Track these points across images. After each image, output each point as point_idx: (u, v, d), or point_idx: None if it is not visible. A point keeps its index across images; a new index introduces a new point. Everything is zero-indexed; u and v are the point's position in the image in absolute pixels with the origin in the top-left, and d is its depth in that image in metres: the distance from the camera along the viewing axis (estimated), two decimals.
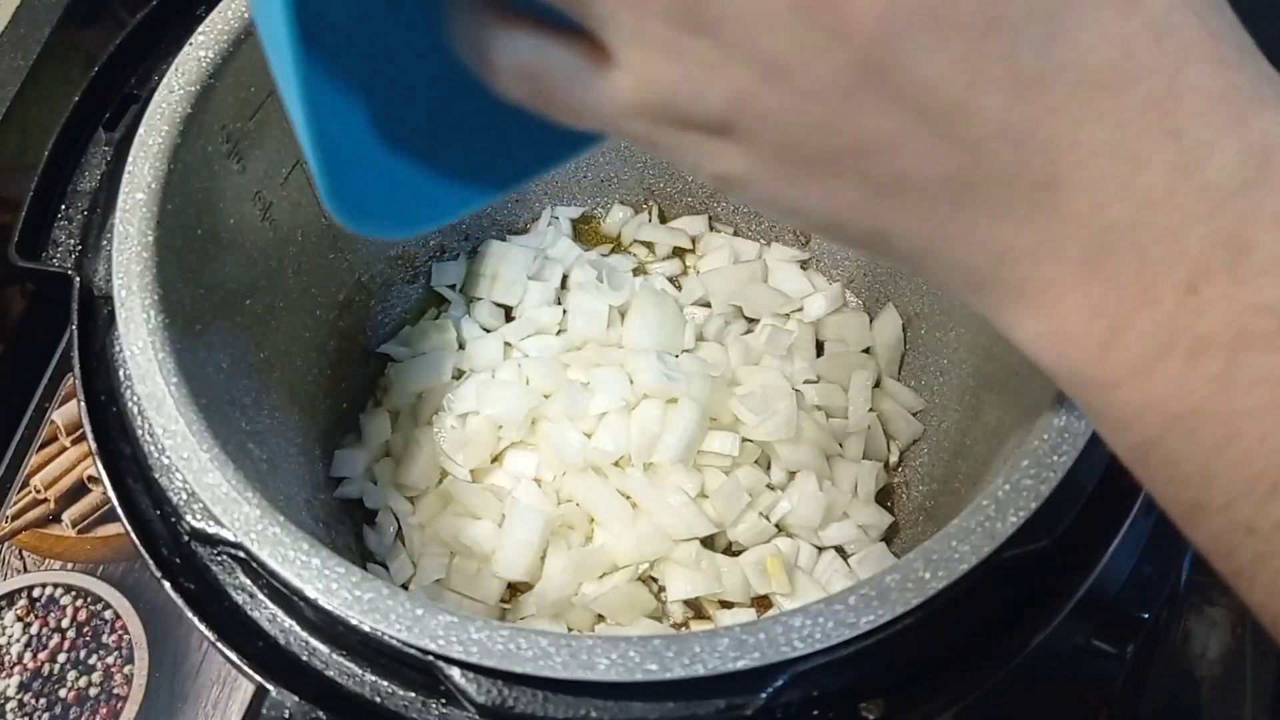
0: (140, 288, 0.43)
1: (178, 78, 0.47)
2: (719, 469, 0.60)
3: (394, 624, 0.38)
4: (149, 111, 0.47)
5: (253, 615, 0.41)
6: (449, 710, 0.39)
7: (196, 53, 0.48)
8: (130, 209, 0.45)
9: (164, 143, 0.46)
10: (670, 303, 0.66)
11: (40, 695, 0.58)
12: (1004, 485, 0.40)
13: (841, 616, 0.37)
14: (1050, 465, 0.40)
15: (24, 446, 0.65)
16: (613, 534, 0.58)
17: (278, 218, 0.55)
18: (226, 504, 0.40)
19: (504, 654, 0.37)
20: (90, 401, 0.45)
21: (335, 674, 0.40)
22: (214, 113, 0.48)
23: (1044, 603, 0.41)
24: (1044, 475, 0.40)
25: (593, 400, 0.61)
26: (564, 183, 0.71)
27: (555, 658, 0.37)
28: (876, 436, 0.63)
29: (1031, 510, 0.39)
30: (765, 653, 0.36)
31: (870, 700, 0.39)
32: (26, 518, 0.63)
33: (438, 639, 0.37)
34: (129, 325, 0.43)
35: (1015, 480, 0.40)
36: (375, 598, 0.38)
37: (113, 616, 0.60)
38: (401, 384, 0.65)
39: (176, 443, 0.41)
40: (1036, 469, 0.40)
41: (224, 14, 0.49)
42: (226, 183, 0.50)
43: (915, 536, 0.59)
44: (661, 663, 0.36)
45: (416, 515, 0.61)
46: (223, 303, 0.50)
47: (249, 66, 0.50)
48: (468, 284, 0.69)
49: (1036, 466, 0.40)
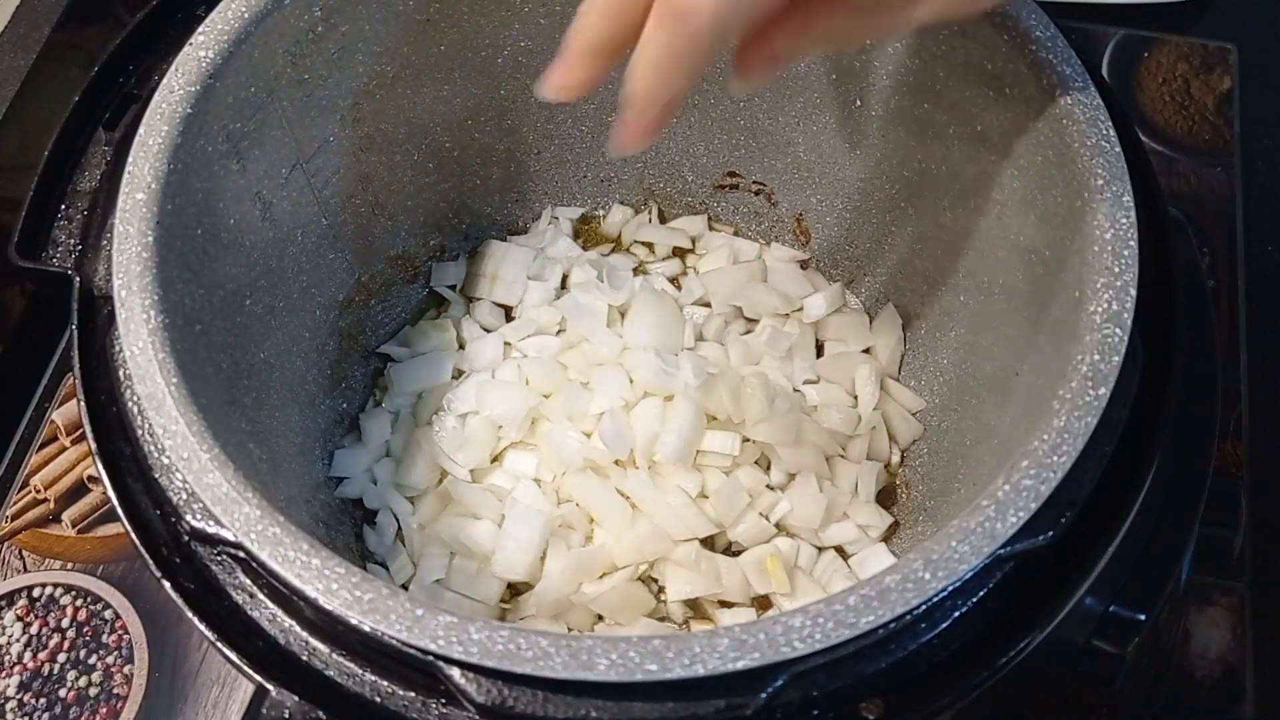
0: (140, 288, 0.43)
1: (178, 78, 0.47)
2: (719, 469, 0.60)
3: (394, 624, 0.38)
4: (149, 111, 0.47)
5: (253, 615, 0.41)
6: (449, 710, 0.39)
7: (196, 53, 0.48)
8: (130, 209, 0.45)
9: (164, 143, 0.46)
10: (670, 303, 0.66)
11: (40, 695, 0.58)
12: (1004, 485, 0.40)
13: (841, 616, 0.37)
14: (1050, 465, 0.40)
15: (24, 446, 0.65)
16: (612, 534, 0.58)
17: (278, 218, 0.55)
18: (226, 504, 0.40)
19: (504, 654, 0.37)
20: (90, 401, 0.45)
21: (335, 674, 0.40)
22: (214, 113, 0.48)
23: (1044, 603, 0.41)
24: (1044, 475, 0.40)
25: (592, 400, 0.61)
26: (564, 183, 0.71)
27: (555, 658, 0.37)
28: (878, 436, 0.63)
29: (1032, 510, 0.39)
30: (765, 653, 0.36)
31: (870, 700, 0.39)
32: (26, 517, 0.63)
33: (438, 639, 0.37)
34: (129, 325, 0.43)
35: (1015, 480, 0.40)
36: (375, 598, 0.38)
37: (113, 616, 0.60)
38: (401, 384, 0.65)
39: (176, 443, 0.41)
40: (1036, 469, 0.40)
41: (224, 14, 0.49)
42: (226, 183, 0.50)
43: (915, 536, 0.59)
44: (661, 663, 0.36)
45: (416, 515, 0.61)
46: (223, 303, 0.50)
47: (249, 66, 0.50)
48: (468, 284, 0.69)
49: (1036, 466, 0.40)
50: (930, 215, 0.59)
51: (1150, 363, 0.44)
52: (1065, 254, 0.47)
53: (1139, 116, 0.78)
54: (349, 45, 0.55)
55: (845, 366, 0.64)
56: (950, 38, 0.51)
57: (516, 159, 0.68)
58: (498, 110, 0.65)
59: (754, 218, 0.70)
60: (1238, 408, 0.66)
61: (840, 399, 0.64)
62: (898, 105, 0.57)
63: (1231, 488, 0.63)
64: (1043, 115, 0.48)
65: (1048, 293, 0.48)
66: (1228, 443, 0.64)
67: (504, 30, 0.61)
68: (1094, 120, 0.46)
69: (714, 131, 0.67)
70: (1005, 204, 0.52)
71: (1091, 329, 0.43)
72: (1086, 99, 0.46)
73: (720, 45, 0.35)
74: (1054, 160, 0.48)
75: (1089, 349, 0.42)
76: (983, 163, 0.53)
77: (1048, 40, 0.47)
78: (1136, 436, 0.43)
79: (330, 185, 0.59)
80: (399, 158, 0.63)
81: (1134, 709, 0.55)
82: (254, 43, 0.50)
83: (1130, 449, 0.43)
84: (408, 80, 0.59)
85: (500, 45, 0.61)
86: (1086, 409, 0.41)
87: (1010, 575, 0.40)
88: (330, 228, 0.60)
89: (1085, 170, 0.46)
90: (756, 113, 0.64)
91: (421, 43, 0.58)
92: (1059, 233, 0.48)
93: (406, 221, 0.66)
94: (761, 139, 0.66)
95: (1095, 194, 0.45)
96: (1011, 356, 0.52)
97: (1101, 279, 0.43)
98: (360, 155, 0.60)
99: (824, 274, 0.69)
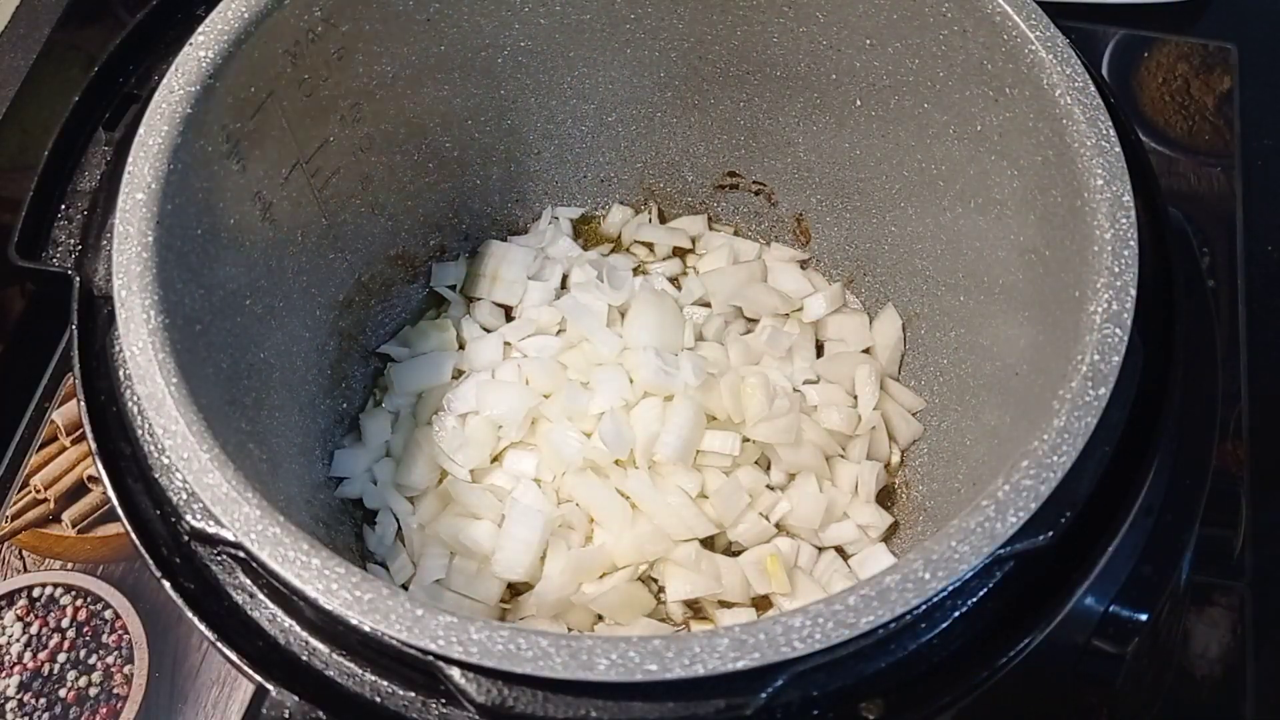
0: (140, 288, 0.43)
1: (178, 78, 0.47)
2: (719, 469, 0.60)
3: (394, 624, 0.38)
4: (149, 111, 0.47)
5: (253, 615, 0.41)
6: (449, 710, 0.39)
7: (196, 53, 0.48)
8: (130, 209, 0.45)
9: (164, 143, 0.46)
10: (670, 303, 0.66)
11: (40, 695, 0.58)
12: (1004, 485, 0.40)
13: (841, 616, 0.37)
14: (1050, 465, 0.40)
15: (24, 446, 0.65)
16: (612, 534, 0.58)
17: (278, 218, 0.55)
18: (226, 504, 0.40)
19: (504, 654, 0.37)
20: (90, 401, 0.45)
21: (335, 674, 0.40)
22: (214, 113, 0.48)
23: (1044, 603, 0.41)
24: (1044, 475, 0.40)
25: (592, 400, 0.61)
26: (564, 183, 0.71)
27: (555, 658, 0.37)
28: (878, 436, 0.63)
29: (1032, 510, 0.39)
30: (765, 653, 0.36)
31: (870, 700, 0.39)
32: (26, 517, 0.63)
33: (438, 639, 0.37)
34: (129, 325, 0.43)
35: (1015, 480, 0.40)
36: (375, 598, 0.38)
37: (113, 616, 0.60)
38: (401, 384, 0.65)
39: (176, 443, 0.41)
40: (1036, 469, 0.40)
41: (224, 14, 0.49)
42: (226, 183, 0.50)
43: (915, 536, 0.59)
44: (661, 663, 0.36)
45: (416, 515, 0.61)
46: (223, 303, 0.50)
47: (249, 66, 0.50)
48: (468, 284, 0.69)
49: (1036, 467, 0.40)
50: (930, 215, 0.59)
51: (1150, 363, 0.44)
52: (1065, 254, 0.47)
53: (1139, 116, 0.78)
54: (349, 45, 0.55)
55: (845, 366, 0.64)
56: (950, 38, 0.51)
57: (516, 159, 0.68)
58: (498, 110, 0.65)
59: (754, 218, 0.70)
60: (1237, 408, 0.66)
61: (840, 399, 0.64)
62: (897, 105, 0.57)
63: (1231, 488, 0.63)
64: (1043, 115, 0.48)
65: (1048, 293, 0.48)
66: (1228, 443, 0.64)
67: (504, 30, 0.61)
68: (1094, 120, 0.46)
69: (714, 131, 0.67)
70: (1005, 204, 0.52)
71: (1091, 329, 0.43)
72: (1086, 99, 0.46)
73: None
74: (1054, 160, 0.48)
75: (1089, 349, 0.42)
76: (983, 163, 0.53)
77: (1048, 40, 0.48)
78: (1136, 436, 0.43)
79: (330, 185, 0.59)
80: (399, 158, 0.63)
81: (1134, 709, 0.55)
82: (254, 43, 0.50)
83: (1130, 449, 0.43)
84: (408, 80, 0.59)
85: (500, 45, 0.61)
86: (1086, 409, 0.41)
87: (1010, 575, 0.40)
88: (330, 227, 0.60)
89: (1085, 170, 0.46)
90: (756, 113, 0.64)
91: (421, 43, 0.58)
92: (1059, 233, 0.47)
93: (406, 221, 0.66)
94: (761, 139, 0.66)
95: (1095, 193, 0.45)
96: (1012, 356, 0.52)
97: (1101, 279, 0.43)
98: (360, 155, 0.60)
99: (824, 274, 0.69)
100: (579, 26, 0.61)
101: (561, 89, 0.65)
